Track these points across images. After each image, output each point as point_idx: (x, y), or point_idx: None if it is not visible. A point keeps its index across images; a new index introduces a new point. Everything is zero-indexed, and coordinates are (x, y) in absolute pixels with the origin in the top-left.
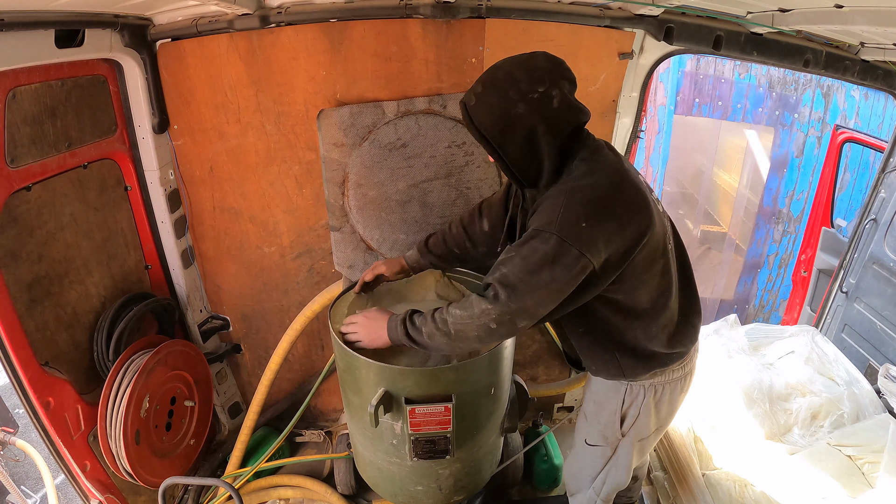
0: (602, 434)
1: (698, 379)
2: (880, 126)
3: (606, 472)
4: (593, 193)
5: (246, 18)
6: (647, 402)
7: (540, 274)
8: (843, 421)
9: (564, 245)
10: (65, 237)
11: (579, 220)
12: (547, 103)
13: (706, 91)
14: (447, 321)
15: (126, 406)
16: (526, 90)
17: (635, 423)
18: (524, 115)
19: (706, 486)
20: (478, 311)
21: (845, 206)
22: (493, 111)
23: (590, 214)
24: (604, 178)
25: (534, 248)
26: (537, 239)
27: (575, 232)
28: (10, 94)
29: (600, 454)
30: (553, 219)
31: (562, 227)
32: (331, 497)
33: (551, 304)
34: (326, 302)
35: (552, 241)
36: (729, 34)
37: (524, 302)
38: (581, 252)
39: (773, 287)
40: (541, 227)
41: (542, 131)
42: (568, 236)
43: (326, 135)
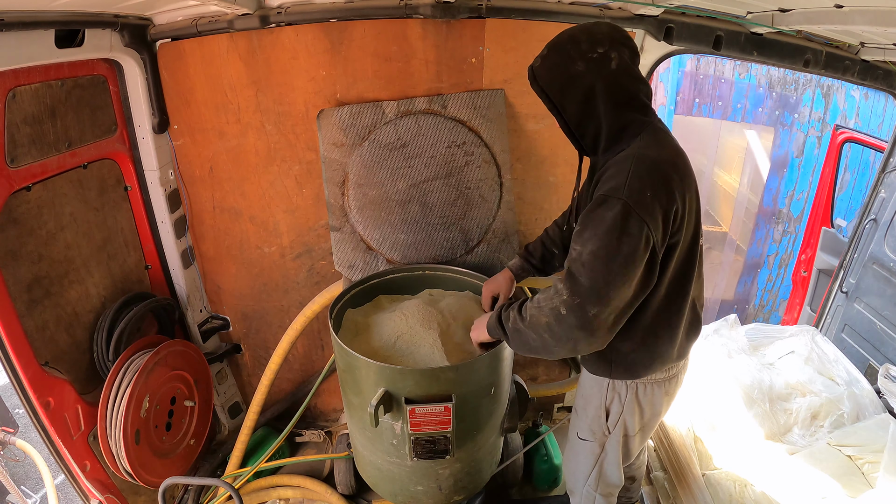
0: (590, 429)
1: (698, 379)
2: (880, 126)
3: (598, 468)
4: (658, 166)
5: (246, 18)
6: (630, 399)
7: (608, 243)
8: (843, 421)
9: (632, 212)
10: (65, 237)
11: (645, 189)
12: (605, 64)
13: (706, 91)
14: (528, 307)
15: (126, 406)
16: (586, 50)
17: (619, 419)
18: (583, 73)
19: (706, 486)
20: (552, 291)
21: (845, 206)
22: (555, 69)
23: (655, 184)
24: (668, 153)
25: (601, 217)
26: (604, 206)
27: (642, 200)
28: (10, 94)
29: (590, 450)
30: (620, 185)
31: (630, 192)
32: (331, 497)
33: (622, 283)
34: (326, 302)
35: (619, 207)
36: (729, 34)
37: (594, 277)
38: (645, 221)
39: (773, 287)
40: (608, 193)
41: (599, 90)
42: (636, 203)
43: (326, 135)
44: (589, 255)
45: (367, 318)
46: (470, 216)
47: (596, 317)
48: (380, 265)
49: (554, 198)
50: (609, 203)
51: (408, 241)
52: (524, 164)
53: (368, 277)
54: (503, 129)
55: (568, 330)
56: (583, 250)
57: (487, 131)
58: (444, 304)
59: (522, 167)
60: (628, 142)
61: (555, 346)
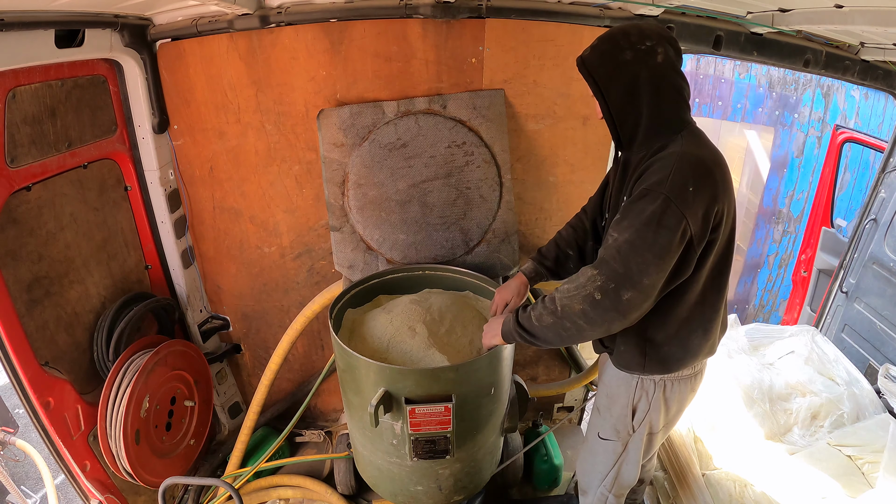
0: (614, 428)
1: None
2: (880, 126)
3: (618, 467)
4: (702, 163)
5: (246, 18)
6: (658, 397)
7: (645, 234)
8: (843, 421)
9: (671, 206)
10: (65, 237)
11: (687, 184)
12: (652, 56)
13: (706, 91)
14: (555, 298)
15: (126, 406)
16: (635, 41)
17: (646, 417)
18: (630, 62)
19: (706, 486)
20: (584, 279)
21: (845, 206)
22: (604, 56)
23: (698, 180)
24: (709, 153)
25: (641, 209)
26: (646, 199)
27: (683, 195)
28: (10, 94)
29: (612, 449)
30: (664, 179)
31: (672, 187)
32: (331, 497)
33: (655, 272)
34: (326, 302)
35: (659, 201)
36: (729, 34)
37: (629, 265)
38: (684, 215)
39: (773, 287)
40: (650, 187)
41: (644, 80)
42: (676, 197)
43: (326, 135)
44: (626, 244)
45: (363, 318)
46: (470, 216)
47: (630, 301)
48: (380, 265)
49: (554, 198)
50: (651, 196)
51: (408, 241)
52: (524, 164)
53: (368, 277)
54: (503, 129)
55: (603, 313)
56: (619, 237)
57: (487, 131)
58: (432, 302)
59: (522, 167)
60: (668, 138)
61: (589, 331)
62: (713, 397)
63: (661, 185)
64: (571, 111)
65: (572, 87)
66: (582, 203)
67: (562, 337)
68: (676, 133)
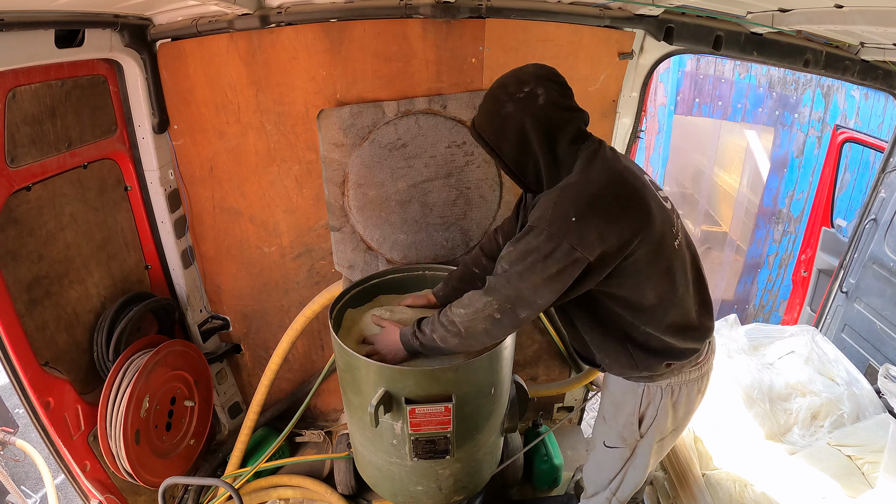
0: (621, 436)
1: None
2: (880, 126)
3: (624, 472)
4: (584, 189)
5: (246, 18)
6: (665, 403)
7: (533, 266)
8: (843, 421)
9: (554, 238)
10: (65, 237)
11: (568, 215)
12: (532, 101)
13: (706, 91)
14: (455, 322)
15: (126, 406)
16: (513, 91)
17: (653, 423)
18: (512, 113)
19: (706, 486)
20: (480, 304)
21: (845, 206)
22: (488, 114)
23: (580, 209)
24: (596, 175)
25: (527, 243)
26: (531, 234)
27: (565, 226)
28: (10, 94)
29: (619, 456)
30: (545, 214)
31: (552, 222)
32: (331, 497)
33: (548, 293)
34: (326, 302)
35: (542, 236)
36: (729, 34)
37: (520, 288)
38: (572, 246)
39: (773, 287)
40: (533, 223)
41: (529, 127)
42: (557, 230)
43: (326, 135)
44: (515, 275)
45: (364, 318)
46: (470, 216)
47: (528, 317)
48: (380, 265)
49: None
50: (535, 232)
51: (408, 241)
52: None
53: (368, 277)
54: None
55: (505, 329)
56: (510, 269)
57: None
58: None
59: None
60: (564, 175)
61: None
62: (713, 397)
63: (542, 220)
64: None
65: (572, 86)
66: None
67: (469, 349)
68: (570, 168)
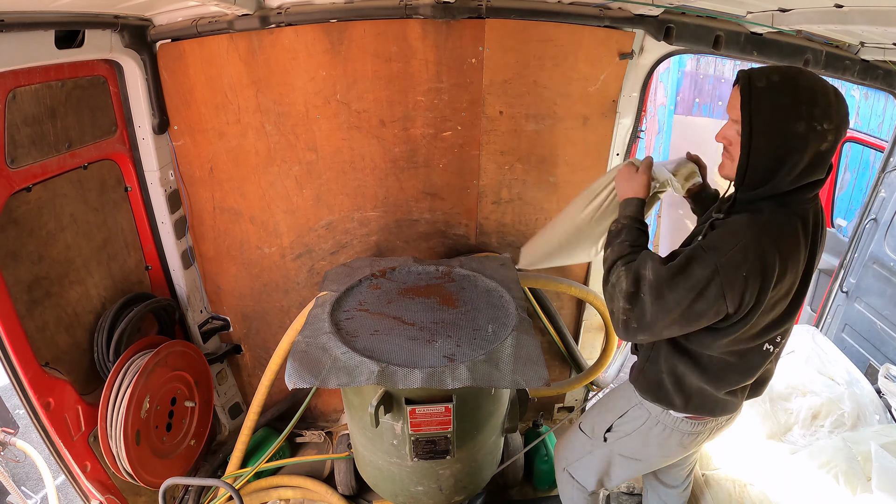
0: (591, 425)
1: None
2: (880, 126)
3: (579, 461)
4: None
5: (246, 19)
6: (642, 430)
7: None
8: (844, 421)
9: (716, 279)
10: (65, 238)
11: (741, 268)
12: (821, 141)
13: (706, 91)
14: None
15: (126, 407)
16: (817, 116)
17: (620, 439)
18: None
19: (706, 486)
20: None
21: (845, 206)
22: (776, 110)
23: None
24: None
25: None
26: (697, 261)
27: (732, 276)
28: (10, 94)
29: (581, 444)
30: (725, 250)
31: (728, 263)
32: (331, 497)
33: (677, 328)
34: None
35: (709, 270)
36: (729, 34)
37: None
38: (724, 295)
39: None
40: (707, 249)
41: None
42: (725, 275)
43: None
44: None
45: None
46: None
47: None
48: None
49: (554, 198)
50: (703, 260)
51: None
52: (524, 165)
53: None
54: None
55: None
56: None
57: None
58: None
59: (522, 167)
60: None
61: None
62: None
63: (719, 253)
64: (571, 111)
65: (572, 87)
66: None
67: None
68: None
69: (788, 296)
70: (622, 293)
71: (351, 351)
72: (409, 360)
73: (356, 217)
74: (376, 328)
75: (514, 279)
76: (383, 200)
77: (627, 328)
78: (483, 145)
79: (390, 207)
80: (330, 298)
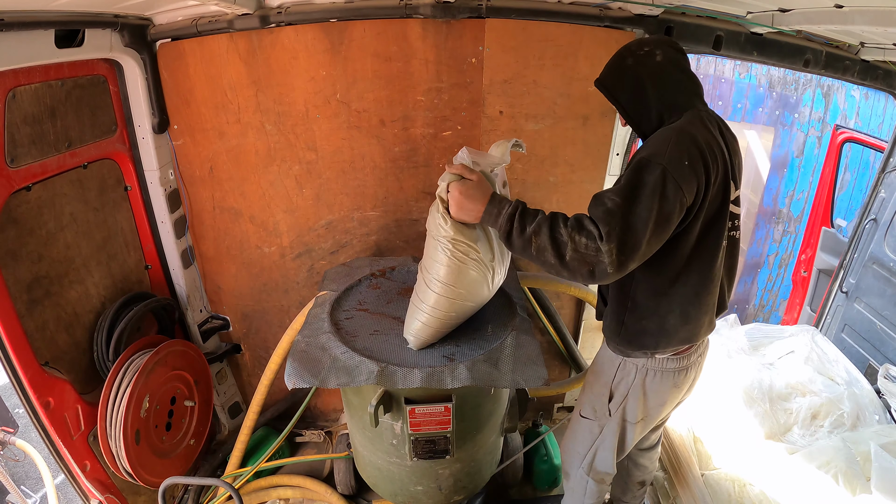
0: (592, 407)
1: (698, 379)
2: (880, 126)
3: (594, 450)
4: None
5: (246, 18)
6: (637, 384)
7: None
8: (843, 421)
9: (670, 177)
10: (65, 237)
11: (683, 158)
12: (651, 57)
13: (706, 91)
14: (568, 249)
15: (126, 406)
16: (635, 48)
17: (623, 404)
18: (632, 66)
19: (706, 486)
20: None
21: (845, 206)
22: (610, 68)
23: (692, 155)
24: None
25: (640, 180)
26: (645, 170)
27: (680, 168)
28: (10, 94)
29: (588, 430)
30: (662, 151)
31: (670, 160)
32: (331, 497)
33: (655, 241)
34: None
35: (657, 172)
36: (729, 34)
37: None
38: (680, 187)
39: (773, 287)
40: (648, 157)
41: (645, 76)
42: (673, 170)
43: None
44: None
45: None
46: None
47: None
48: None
49: (554, 197)
50: (650, 167)
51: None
52: (524, 164)
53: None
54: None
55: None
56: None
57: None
58: None
59: (522, 167)
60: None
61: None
62: (713, 397)
63: (659, 156)
64: (571, 111)
65: (572, 87)
66: (582, 203)
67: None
68: (683, 112)
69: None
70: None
71: (350, 350)
72: (408, 359)
73: (356, 217)
74: (376, 328)
75: (514, 279)
76: (383, 200)
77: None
78: (483, 145)
79: (390, 207)
80: (329, 298)
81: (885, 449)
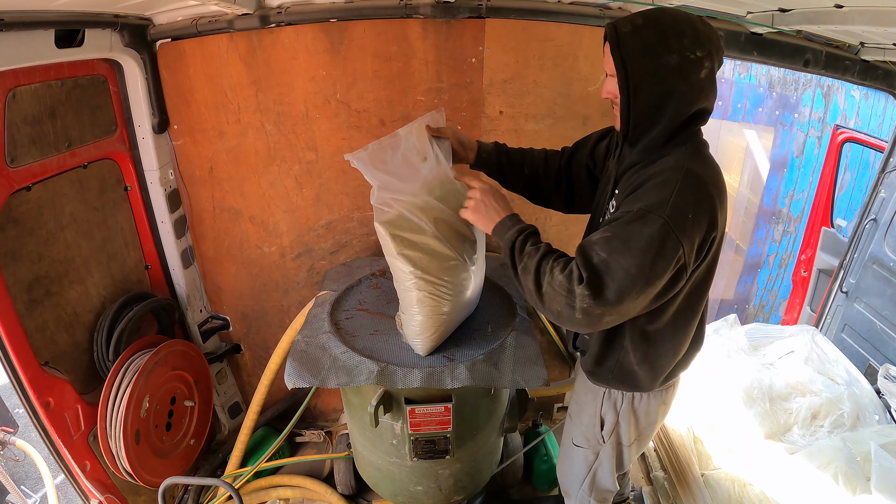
0: (584, 436)
1: (698, 379)
2: (880, 126)
3: (593, 474)
4: (703, 185)
5: (246, 18)
6: (625, 410)
7: (642, 263)
8: (843, 421)
9: (671, 234)
10: (65, 237)
11: (687, 210)
12: (697, 70)
13: None
14: (545, 280)
15: (126, 406)
16: (687, 46)
17: (615, 429)
18: (672, 71)
19: (706, 486)
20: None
21: (845, 206)
22: (646, 51)
23: (697, 205)
24: (710, 171)
25: (638, 234)
26: (642, 221)
27: (682, 223)
28: (10, 93)
29: (583, 457)
30: (664, 201)
31: (673, 212)
32: (331, 497)
33: (643, 299)
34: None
35: (658, 226)
36: (729, 34)
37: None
38: (681, 244)
39: (773, 287)
40: (648, 209)
41: (678, 95)
42: (676, 225)
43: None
44: (620, 271)
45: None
46: None
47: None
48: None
49: None
50: (649, 220)
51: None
52: None
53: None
54: None
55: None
56: (611, 262)
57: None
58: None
59: None
60: (673, 149)
61: (541, 309)
62: (713, 397)
63: (661, 207)
64: (571, 111)
65: (572, 87)
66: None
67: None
68: (681, 145)
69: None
70: (575, 280)
71: (350, 350)
72: (408, 359)
73: (356, 217)
74: (376, 328)
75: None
76: None
77: (590, 315)
78: None
79: None
80: (329, 298)
81: (885, 449)
